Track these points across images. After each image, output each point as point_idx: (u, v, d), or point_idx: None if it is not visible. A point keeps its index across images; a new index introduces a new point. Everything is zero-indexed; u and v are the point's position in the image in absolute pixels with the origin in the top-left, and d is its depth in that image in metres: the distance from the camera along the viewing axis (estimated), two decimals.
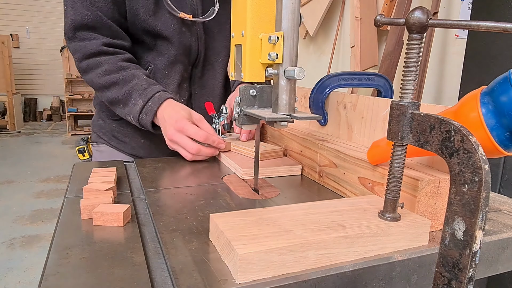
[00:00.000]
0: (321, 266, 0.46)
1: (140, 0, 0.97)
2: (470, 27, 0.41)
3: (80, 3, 0.92)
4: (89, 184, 0.66)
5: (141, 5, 0.97)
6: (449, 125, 0.39)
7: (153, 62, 1.05)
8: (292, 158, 0.91)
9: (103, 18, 0.94)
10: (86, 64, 0.96)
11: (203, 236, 0.53)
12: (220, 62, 1.16)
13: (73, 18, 0.93)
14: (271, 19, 0.59)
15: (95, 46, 0.95)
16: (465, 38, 1.72)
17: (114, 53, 0.97)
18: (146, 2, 0.97)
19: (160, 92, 0.94)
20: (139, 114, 0.93)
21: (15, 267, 2.45)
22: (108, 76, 0.95)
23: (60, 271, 0.44)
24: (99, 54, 0.95)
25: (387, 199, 0.51)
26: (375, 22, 0.51)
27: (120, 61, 0.97)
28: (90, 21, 0.93)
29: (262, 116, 0.58)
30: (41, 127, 7.46)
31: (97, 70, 0.95)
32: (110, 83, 0.95)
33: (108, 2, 0.95)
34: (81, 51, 0.95)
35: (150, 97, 0.93)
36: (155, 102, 0.92)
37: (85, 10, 0.92)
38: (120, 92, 0.95)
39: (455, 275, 0.37)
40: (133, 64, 1.00)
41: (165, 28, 1.01)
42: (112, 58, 0.96)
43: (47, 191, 3.86)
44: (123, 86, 0.94)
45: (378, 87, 0.88)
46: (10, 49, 6.67)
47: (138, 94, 0.93)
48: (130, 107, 0.95)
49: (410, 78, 0.46)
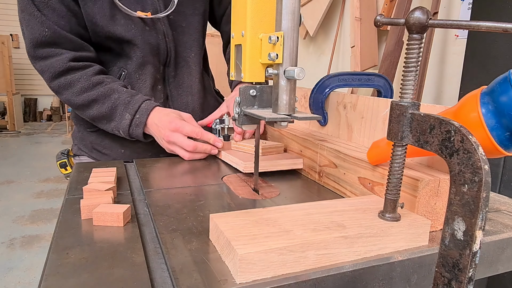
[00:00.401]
0: (321, 266, 0.46)
1: (95, 7, 0.94)
2: (470, 27, 0.41)
3: (35, 20, 0.90)
4: (89, 184, 0.66)
5: (96, 11, 0.94)
6: (449, 125, 0.39)
7: (125, 67, 1.03)
8: (293, 153, 0.91)
9: (62, 32, 0.92)
10: (57, 84, 0.94)
11: (203, 236, 0.53)
12: (194, 57, 1.11)
13: (31, 37, 0.91)
14: (271, 19, 0.59)
15: (62, 63, 0.92)
16: (465, 38, 1.72)
17: (84, 67, 0.95)
18: (101, 8, 0.94)
19: (145, 102, 0.95)
20: (129, 127, 0.94)
21: (15, 267, 2.45)
22: (85, 94, 0.93)
23: (60, 271, 0.44)
24: (68, 72, 0.93)
25: (387, 199, 0.51)
26: (375, 22, 0.51)
27: (92, 75, 0.95)
28: (49, 36, 0.91)
29: (262, 116, 0.58)
30: (41, 127, 7.46)
31: (71, 90, 0.94)
32: (89, 101, 0.94)
33: (64, 15, 0.92)
34: (48, 71, 0.93)
35: (137, 109, 0.93)
36: (143, 113, 0.93)
37: (41, 26, 0.90)
38: (102, 108, 0.94)
39: (455, 275, 0.37)
40: (107, 76, 0.98)
41: (125, 31, 0.97)
42: (83, 73, 0.94)
43: (47, 191, 3.86)
44: (104, 102, 0.94)
45: (378, 87, 0.88)
46: (10, 49, 6.66)
47: (124, 108, 0.93)
48: (117, 122, 0.95)
49: (410, 78, 0.46)
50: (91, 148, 1.09)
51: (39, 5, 0.90)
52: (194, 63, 1.12)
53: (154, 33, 1.02)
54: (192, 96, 1.13)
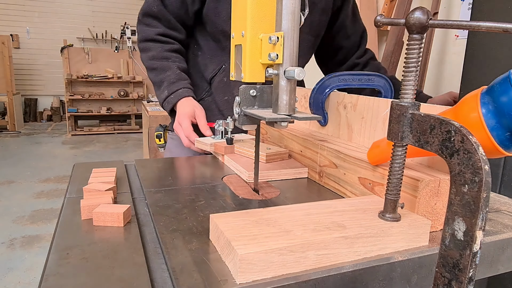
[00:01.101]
0: (321, 266, 0.46)
1: (226, 3, 1.09)
2: (470, 28, 0.41)
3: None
4: (89, 185, 0.67)
5: (225, 7, 1.09)
6: (449, 126, 0.39)
7: (227, 62, 1.17)
8: (297, 161, 0.90)
9: (165, 12, 1.13)
10: (142, 46, 1.17)
11: (203, 236, 0.53)
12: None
13: (145, 6, 1.15)
14: (271, 19, 0.59)
15: (152, 33, 1.14)
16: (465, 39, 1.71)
17: (165, 42, 1.15)
18: (223, 8, 1.08)
19: (183, 89, 1.10)
20: (163, 101, 1.13)
21: (15, 268, 2.45)
22: (152, 61, 1.14)
23: (60, 272, 0.44)
24: (152, 40, 1.15)
25: (387, 200, 0.51)
26: (375, 23, 0.51)
27: (166, 51, 1.14)
28: (155, 12, 1.13)
29: (262, 117, 0.58)
30: (41, 127, 7.46)
31: (147, 53, 1.16)
32: (152, 67, 1.15)
33: (179, 2, 1.12)
34: (141, 34, 1.17)
35: (174, 91, 1.10)
36: (176, 96, 1.10)
37: (153, 2, 1.13)
38: (157, 77, 1.14)
39: (455, 276, 0.37)
40: (176, 55, 1.16)
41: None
42: (161, 46, 1.15)
43: (47, 191, 3.86)
44: (159, 73, 1.13)
45: (378, 87, 0.88)
46: (10, 49, 6.67)
47: (167, 85, 1.11)
48: (159, 92, 1.14)
49: (410, 78, 0.46)
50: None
51: None
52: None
53: None
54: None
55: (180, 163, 0.93)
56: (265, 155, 0.87)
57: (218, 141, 0.98)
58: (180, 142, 1.18)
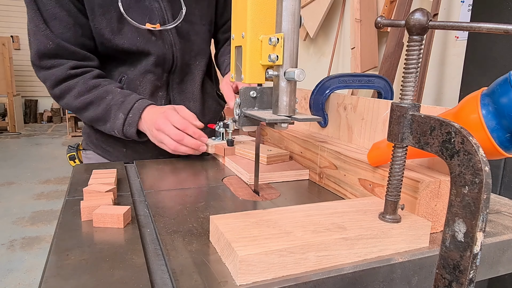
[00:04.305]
0: (321, 268, 0.45)
1: (103, 21, 0.96)
2: (471, 29, 0.41)
3: (41, 32, 0.92)
4: (89, 186, 0.66)
5: (105, 25, 0.96)
6: (449, 127, 0.39)
7: (125, 73, 1.05)
8: (299, 163, 0.89)
9: (65, 45, 0.94)
10: (58, 91, 0.97)
11: (203, 237, 0.53)
12: (198, 64, 1.13)
13: (36, 48, 0.94)
14: (271, 20, 0.60)
15: (63, 71, 0.95)
16: (465, 40, 1.72)
17: (83, 73, 0.97)
18: (109, 22, 0.96)
19: (138, 101, 0.95)
20: (123, 127, 0.95)
21: (15, 269, 2.44)
22: (82, 97, 0.96)
23: (60, 273, 0.44)
24: (68, 78, 0.96)
25: (388, 201, 0.51)
26: (375, 24, 0.51)
27: (90, 79, 0.97)
28: (53, 49, 0.93)
29: (262, 118, 0.58)
30: (42, 128, 7.46)
31: (70, 94, 0.97)
32: (85, 104, 0.96)
33: (70, 27, 0.94)
34: (50, 79, 0.96)
35: (130, 108, 0.94)
36: (136, 112, 0.94)
37: (46, 38, 0.92)
38: (98, 110, 0.96)
39: (455, 277, 0.37)
40: (104, 80, 1.00)
41: (132, 44, 0.99)
42: (81, 78, 0.96)
43: (47, 192, 3.86)
44: (99, 104, 0.96)
45: (379, 88, 0.88)
46: (10, 50, 6.68)
47: (117, 108, 0.95)
48: (112, 123, 0.96)
49: (410, 79, 0.46)
50: (97, 145, 1.12)
51: (46, 17, 0.92)
52: (197, 70, 1.14)
53: (161, 43, 1.03)
54: (194, 102, 1.14)
55: (181, 164, 0.93)
56: (266, 157, 0.87)
57: (219, 142, 0.98)
58: (97, 160, 1.11)
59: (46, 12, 0.92)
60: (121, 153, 1.09)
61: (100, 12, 0.95)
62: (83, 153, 1.16)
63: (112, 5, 0.95)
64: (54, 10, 0.92)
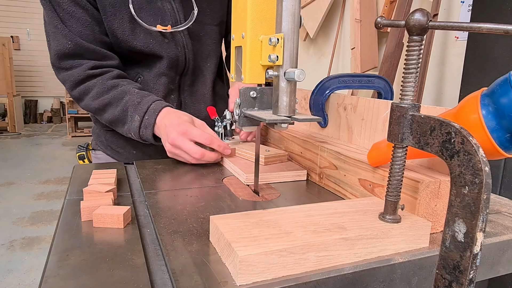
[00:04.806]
0: (321, 268, 0.45)
1: (115, 22, 0.95)
2: (471, 29, 0.41)
3: (60, 32, 0.91)
4: (89, 186, 0.66)
5: (117, 26, 0.95)
6: (449, 127, 0.39)
7: (142, 74, 1.04)
8: (297, 163, 0.89)
9: (85, 44, 0.93)
10: (78, 92, 0.96)
11: (204, 238, 0.53)
12: (209, 67, 1.13)
13: (56, 48, 0.93)
14: (271, 21, 0.60)
15: (81, 72, 0.94)
16: (465, 40, 1.72)
17: (102, 74, 0.96)
18: (122, 22, 0.95)
19: (154, 103, 0.92)
20: (139, 129, 0.92)
21: (15, 269, 2.44)
22: (100, 98, 0.94)
23: (60, 273, 0.44)
24: (87, 79, 0.95)
25: (388, 201, 0.51)
26: (375, 24, 0.51)
27: (108, 79, 0.95)
28: (72, 49, 0.92)
29: (262, 118, 0.58)
30: (42, 129, 7.46)
31: (89, 95, 0.95)
32: (103, 105, 0.94)
33: (88, 24, 0.93)
34: (69, 80, 0.95)
35: (146, 110, 0.91)
36: (151, 114, 0.91)
37: (65, 39, 0.91)
38: (115, 111, 0.94)
39: (455, 277, 0.37)
40: (123, 80, 0.98)
41: (145, 45, 0.99)
42: (100, 79, 0.95)
43: (47, 193, 3.86)
44: (117, 105, 0.93)
45: (378, 89, 0.88)
46: (10, 51, 6.67)
47: (133, 109, 0.92)
48: (128, 124, 0.93)
49: (410, 80, 0.46)
50: (106, 145, 1.12)
51: (63, 16, 0.92)
52: (208, 71, 1.13)
53: (173, 45, 1.03)
54: (204, 104, 1.14)
55: (181, 164, 0.93)
56: (263, 157, 0.87)
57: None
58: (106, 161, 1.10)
59: (63, 12, 0.91)
60: (130, 155, 1.09)
61: (111, 12, 0.95)
62: (92, 153, 1.15)
63: (124, 6, 0.95)
64: (70, 8, 0.92)
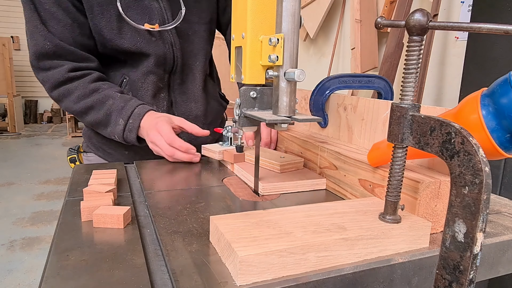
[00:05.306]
0: (321, 268, 0.45)
1: (102, 20, 0.95)
2: (471, 29, 0.41)
3: (39, 33, 0.91)
4: (89, 186, 0.66)
5: (104, 25, 0.95)
6: (449, 127, 0.39)
7: (127, 75, 1.04)
8: (313, 171, 0.82)
9: (64, 45, 0.93)
10: (57, 93, 0.96)
11: (204, 238, 0.53)
12: (198, 65, 1.12)
13: (34, 49, 0.92)
14: (272, 21, 0.60)
15: (61, 73, 0.94)
16: (465, 40, 1.72)
17: (82, 76, 0.96)
18: (109, 21, 0.95)
19: (138, 107, 0.95)
20: (123, 132, 0.95)
21: (15, 269, 2.44)
22: (82, 101, 0.95)
23: (60, 273, 0.44)
24: (67, 81, 0.95)
25: (388, 201, 0.51)
26: (376, 24, 0.51)
27: (89, 83, 0.96)
28: (50, 49, 0.92)
29: (262, 118, 0.58)
30: (42, 129, 7.46)
31: (70, 98, 0.96)
32: (86, 108, 0.96)
33: (69, 27, 0.93)
34: (49, 82, 0.95)
35: (130, 114, 0.94)
36: (136, 118, 0.93)
37: (44, 39, 0.91)
38: (98, 114, 0.96)
39: (456, 278, 0.37)
40: (103, 83, 0.99)
41: (132, 43, 0.99)
42: (81, 82, 0.95)
43: (47, 193, 3.86)
44: (100, 108, 0.95)
45: (379, 89, 0.88)
46: (11, 51, 6.68)
47: (117, 114, 0.94)
48: (112, 128, 0.96)
49: (410, 80, 0.46)
50: (98, 147, 1.11)
51: (44, 16, 0.91)
52: (198, 70, 1.13)
53: (161, 43, 1.03)
54: (195, 103, 1.13)
55: (181, 164, 0.93)
56: (279, 164, 0.80)
57: (227, 148, 0.94)
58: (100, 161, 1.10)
59: (44, 12, 0.91)
60: (122, 156, 1.09)
61: (99, 11, 0.94)
62: (84, 156, 1.15)
63: (111, 4, 0.94)
64: (52, 9, 0.91)
